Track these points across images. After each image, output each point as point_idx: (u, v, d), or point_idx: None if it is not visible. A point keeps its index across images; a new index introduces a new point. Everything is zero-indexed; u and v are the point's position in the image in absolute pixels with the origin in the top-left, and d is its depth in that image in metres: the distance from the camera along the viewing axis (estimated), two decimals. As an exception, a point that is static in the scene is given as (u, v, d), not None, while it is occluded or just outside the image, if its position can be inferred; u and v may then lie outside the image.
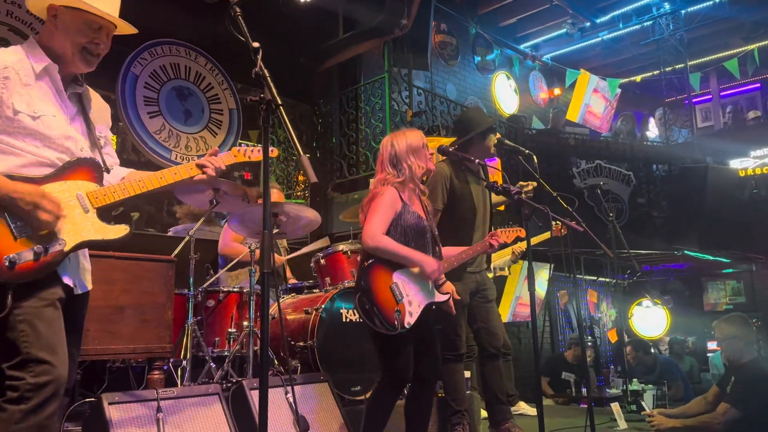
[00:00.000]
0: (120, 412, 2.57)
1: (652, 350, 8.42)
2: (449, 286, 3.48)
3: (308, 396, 3.26)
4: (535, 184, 4.14)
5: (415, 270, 2.88)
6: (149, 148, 5.34)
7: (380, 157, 3.06)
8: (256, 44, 1.71)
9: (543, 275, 8.00)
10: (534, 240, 4.73)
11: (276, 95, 1.62)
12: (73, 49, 2.08)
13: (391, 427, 3.26)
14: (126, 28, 2.20)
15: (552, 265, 8.17)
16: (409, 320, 2.77)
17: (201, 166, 2.28)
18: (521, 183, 4.42)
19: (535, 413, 4.90)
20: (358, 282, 2.86)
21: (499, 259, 5.14)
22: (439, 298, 2.98)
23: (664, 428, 4.35)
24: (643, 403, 4.90)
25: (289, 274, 4.97)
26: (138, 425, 2.59)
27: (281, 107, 1.63)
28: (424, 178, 3.11)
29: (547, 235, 4.56)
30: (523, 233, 3.28)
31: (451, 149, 3.46)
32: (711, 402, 4.58)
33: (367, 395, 3.71)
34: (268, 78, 1.65)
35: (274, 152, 2.64)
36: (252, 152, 2.54)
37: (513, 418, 3.79)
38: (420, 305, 2.85)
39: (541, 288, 8.22)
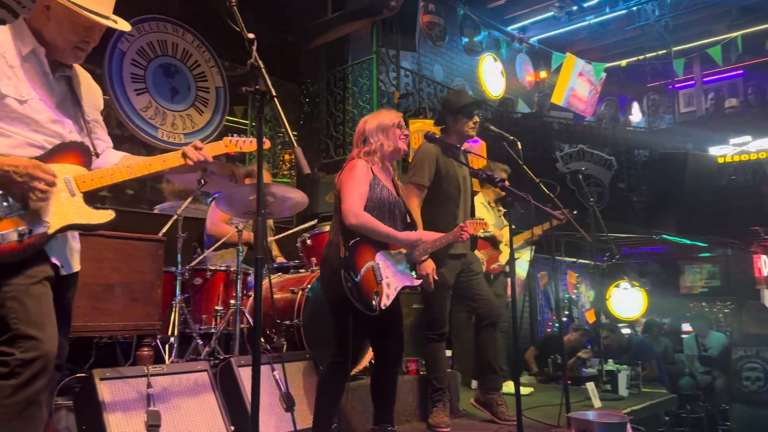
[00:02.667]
0: (111, 388, 2.63)
1: (625, 331, 8.63)
2: (430, 264, 3.55)
3: (294, 373, 3.35)
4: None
5: (394, 251, 2.93)
6: (135, 125, 5.32)
7: (355, 134, 3.09)
8: (251, 35, 1.75)
9: (525, 256, 8.13)
10: (537, 230, 4.95)
11: (271, 87, 1.67)
12: (64, 45, 2.09)
13: (361, 407, 3.37)
14: (121, 26, 2.20)
15: (533, 247, 8.30)
16: (385, 302, 2.82)
17: (185, 156, 2.28)
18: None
19: (524, 393, 5.10)
20: (342, 259, 2.78)
21: (520, 241, 5.31)
22: (414, 282, 3.04)
23: None
24: None
25: (276, 252, 5.03)
26: (129, 401, 2.66)
27: (276, 98, 1.67)
28: (401, 158, 3.15)
29: (546, 225, 4.73)
30: (487, 227, 3.36)
31: (438, 135, 3.52)
32: None
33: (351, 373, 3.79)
34: (263, 69, 1.69)
35: (266, 144, 2.67)
36: (243, 143, 2.55)
37: (501, 392, 3.91)
38: (396, 288, 2.91)
39: (522, 269, 8.35)
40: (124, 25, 2.21)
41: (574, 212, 5.35)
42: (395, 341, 3.03)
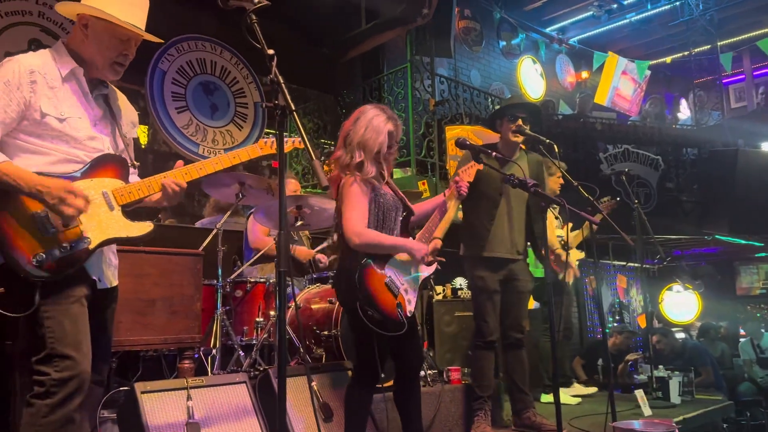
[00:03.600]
0: (152, 401, 2.69)
1: (680, 335, 8.34)
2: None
3: (332, 384, 3.35)
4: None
5: (403, 257, 2.84)
6: (177, 143, 5.47)
7: (345, 126, 2.84)
8: (270, 51, 1.77)
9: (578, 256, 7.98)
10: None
11: (290, 101, 1.68)
12: (103, 62, 2.16)
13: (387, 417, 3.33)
14: (152, 39, 2.26)
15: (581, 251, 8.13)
16: (410, 308, 2.78)
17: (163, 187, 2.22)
18: (604, 200, 4.63)
19: (589, 392, 5.02)
20: (354, 288, 2.66)
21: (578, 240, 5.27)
22: (427, 270, 2.94)
23: None
24: None
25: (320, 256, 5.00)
26: (169, 413, 2.71)
27: (295, 113, 1.69)
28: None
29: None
30: (480, 166, 3.22)
31: (468, 141, 3.47)
32: None
33: (390, 383, 3.77)
34: (283, 85, 1.71)
35: (295, 143, 2.65)
36: (284, 143, 2.51)
37: (534, 407, 3.83)
38: (415, 289, 2.86)
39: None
40: (156, 39, 2.27)
41: (617, 199, 5.26)
42: (413, 349, 2.96)
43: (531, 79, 10.06)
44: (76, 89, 2.14)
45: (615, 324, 9.08)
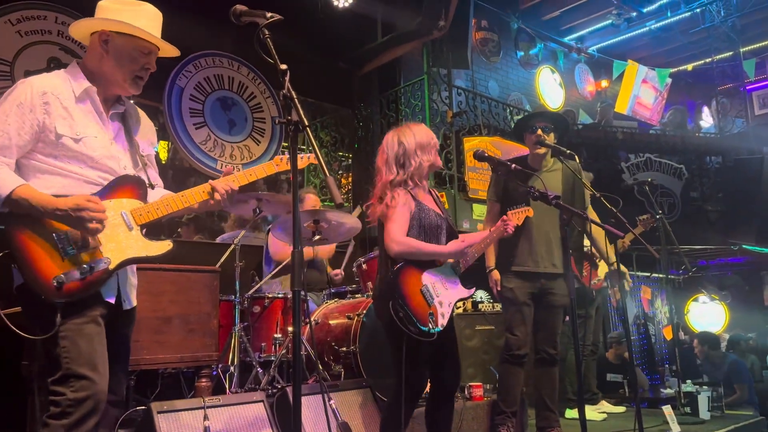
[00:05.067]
0: (168, 421, 2.66)
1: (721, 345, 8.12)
2: (495, 275, 3.58)
3: (351, 402, 3.30)
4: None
5: (443, 267, 2.85)
6: (195, 159, 5.48)
7: (384, 155, 2.92)
8: (283, 66, 1.75)
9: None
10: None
11: (303, 117, 1.65)
12: (124, 77, 2.16)
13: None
14: (171, 51, 2.27)
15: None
16: (442, 322, 2.74)
17: (212, 191, 2.24)
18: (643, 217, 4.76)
19: (618, 410, 4.89)
20: (388, 289, 2.73)
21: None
22: (465, 293, 2.94)
23: None
24: None
25: (330, 269, 5.01)
26: (186, 433, 2.68)
27: (308, 129, 1.66)
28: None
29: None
30: (530, 212, 3.21)
31: (486, 153, 3.42)
32: None
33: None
34: (296, 100, 1.68)
35: (310, 159, 2.63)
36: (300, 159, 2.47)
37: (559, 426, 3.73)
38: (450, 304, 2.83)
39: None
40: (174, 51, 2.28)
41: (656, 217, 5.16)
42: (451, 369, 2.92)
43: (550, 89, 9.99)
44: (90, 109, 2.13)
45: (613, 334, 8.89)
